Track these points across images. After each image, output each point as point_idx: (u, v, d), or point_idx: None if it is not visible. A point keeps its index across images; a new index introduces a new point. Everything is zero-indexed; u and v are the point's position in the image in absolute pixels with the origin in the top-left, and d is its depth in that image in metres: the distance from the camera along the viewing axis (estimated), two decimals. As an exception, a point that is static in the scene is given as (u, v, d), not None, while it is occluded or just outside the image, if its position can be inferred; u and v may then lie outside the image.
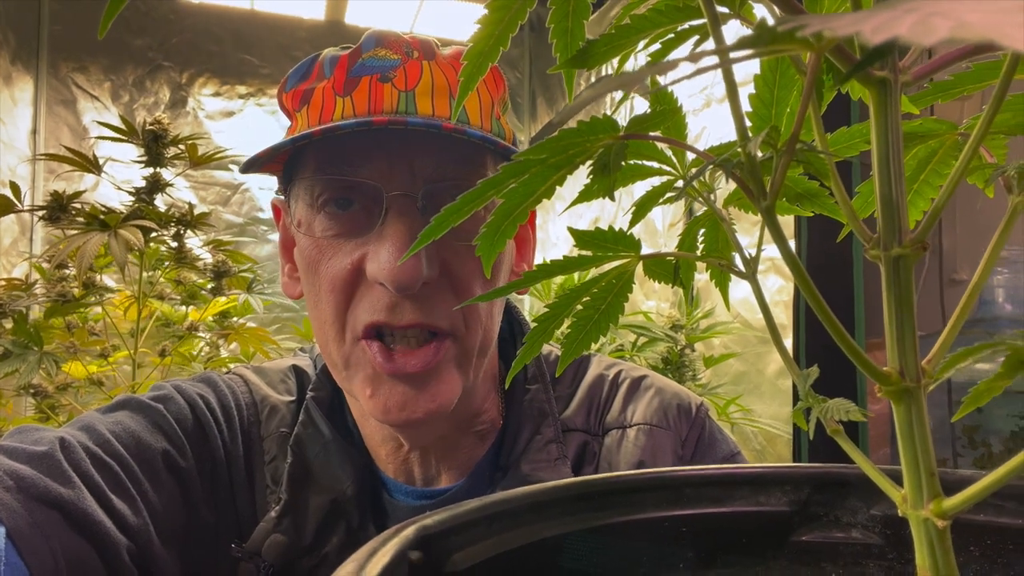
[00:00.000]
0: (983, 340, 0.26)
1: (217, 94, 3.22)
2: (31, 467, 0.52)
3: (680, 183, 0.32)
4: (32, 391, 1.23)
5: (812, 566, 0.35)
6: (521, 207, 0.28)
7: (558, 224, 3.33)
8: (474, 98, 0.62)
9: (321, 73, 0.61)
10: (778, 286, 1.61)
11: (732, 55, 0.17)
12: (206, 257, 1.49)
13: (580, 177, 0.29)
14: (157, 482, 0.59)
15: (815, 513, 0.36)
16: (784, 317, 1.51)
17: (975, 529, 0.33)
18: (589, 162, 0.28)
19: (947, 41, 0.10)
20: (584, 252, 0.32)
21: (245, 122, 3.26)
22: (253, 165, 0.61)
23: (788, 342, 1.44)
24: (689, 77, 0.17)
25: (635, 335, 1.52)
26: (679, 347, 1.54)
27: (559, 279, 1.84)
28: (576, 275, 1.83)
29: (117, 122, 1.38)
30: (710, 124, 2.01)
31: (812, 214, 0.34)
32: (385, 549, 0.22)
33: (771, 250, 1.56)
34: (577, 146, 0.25)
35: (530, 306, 3.11)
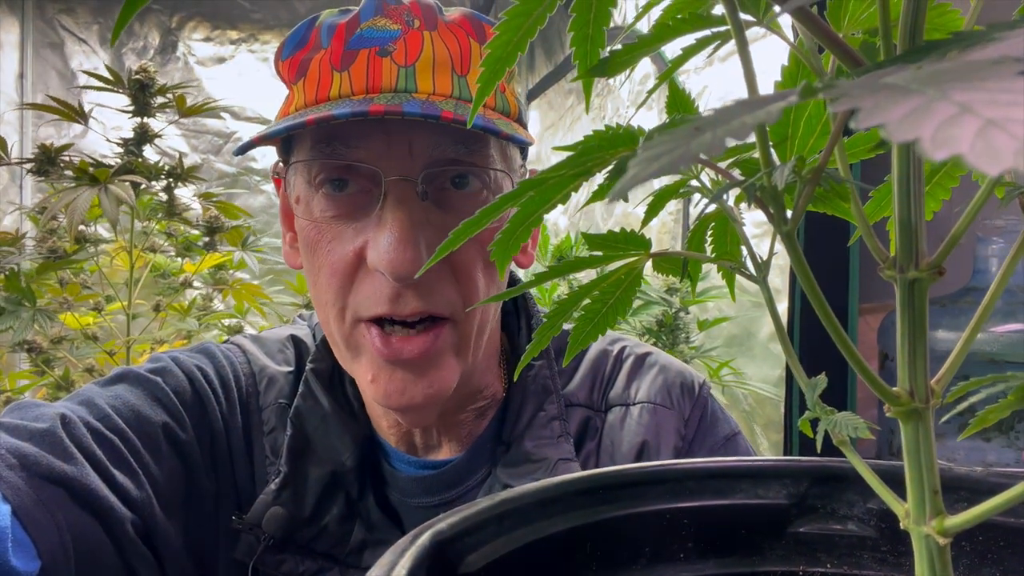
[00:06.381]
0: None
1: (208, 39, 3.13)
2: (33, 444, 0.53)
3: (693, 183, 0.32)
4: (27, 347, 1.23)
5: (808, 556, 0.36)
6: (536, 214, 0.28)
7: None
8: (478, 73, 0.61)
9: (318, 42, 0.59)
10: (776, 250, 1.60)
11: (765, 96, 0.17)
12: (196, 208, 1.47)
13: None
14: (158, 455, 0.60)
15: (813, 506, 0.37)
16: (779, 282, 1.52)
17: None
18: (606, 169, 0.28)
19: (1009, 171, 0.09)
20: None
21: (237, 68, 3.18)
22: (246, 149, 0.61)
23: (784, 306, 1.45)
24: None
25: (630, 297, 1.52)
26: (673, 311, 1.55)
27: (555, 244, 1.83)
28: (573, 237, 1.83)
29: (104, 68, 1.35)
30: (712, 83, 1.98)
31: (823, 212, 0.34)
32: (403, 562, 0.22)
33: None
34: (596, 159, 0.25)
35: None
